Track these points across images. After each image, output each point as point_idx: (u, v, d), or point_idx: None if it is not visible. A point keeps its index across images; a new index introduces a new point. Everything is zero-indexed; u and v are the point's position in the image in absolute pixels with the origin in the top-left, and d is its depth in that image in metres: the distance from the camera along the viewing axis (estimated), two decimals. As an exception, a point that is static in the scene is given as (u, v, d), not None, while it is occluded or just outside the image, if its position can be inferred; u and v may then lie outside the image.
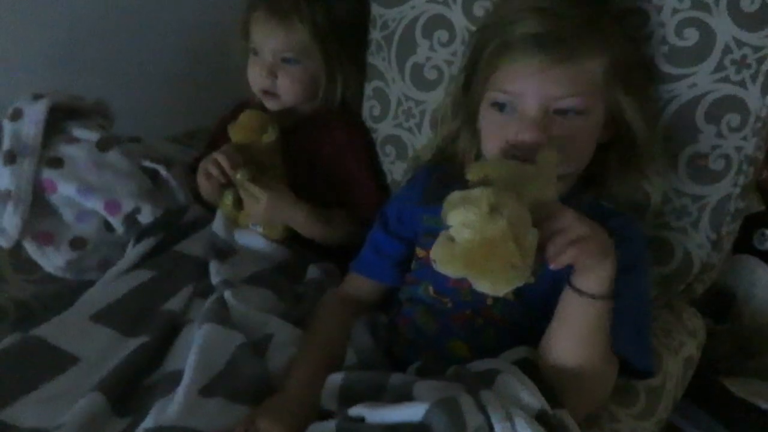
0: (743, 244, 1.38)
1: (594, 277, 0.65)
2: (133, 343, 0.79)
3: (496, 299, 0.77)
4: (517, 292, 0.76)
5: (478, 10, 0.91)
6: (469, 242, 0.60)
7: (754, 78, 0.77)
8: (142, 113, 1.21)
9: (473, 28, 0.90)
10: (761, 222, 1.37)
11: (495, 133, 0.76)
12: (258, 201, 0.94)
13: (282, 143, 1.00)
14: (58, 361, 0.76)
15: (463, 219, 0.60)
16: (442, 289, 0.80)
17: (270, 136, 0.96)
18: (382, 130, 1.03)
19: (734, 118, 0.79)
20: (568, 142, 0.72)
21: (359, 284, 0.90)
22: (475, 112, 0.80)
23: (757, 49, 0.76)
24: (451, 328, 0.79)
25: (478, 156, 0.82)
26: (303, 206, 0.97)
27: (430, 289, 0.81)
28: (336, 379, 0.71)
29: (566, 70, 0.71)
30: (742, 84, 0.78)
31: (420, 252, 0.85)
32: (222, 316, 0.81)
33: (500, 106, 0.75)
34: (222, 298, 0.85)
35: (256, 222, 0.98)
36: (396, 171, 1.02)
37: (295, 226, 0.98)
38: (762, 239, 1.34)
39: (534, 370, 0.68)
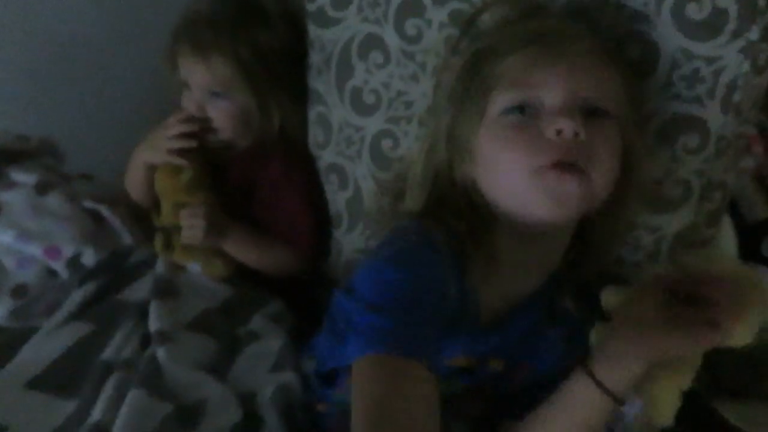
0: (751, 254, 1.26)
1: (622, 371, 0.57)
2: (69, 406, 0.77)
3: None
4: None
5: (411, 29, 0.83)
6: None
7: (710, 93, 0.67)
8: (103, 148, 1.17)
9: (407, 49, 0.83)
10: (770, 229, 1.24)
11: (514, 144, 0.59)
12: (196, 217, 0.90)
13: (217, 179, 0.96)
14: None
15: None
16: None
17: (187, 175, 0.93)
18: (326, 157, 0.96)
19: (692, 139, 0.69)
20: (601, 149, 0.58)
21: None
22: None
23: (710, 60, 0.66)
24: None
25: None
26: (237, 225, 0.94)
27: None
28: None
29: (596, 62, 0.60)
30: (697, 101, 0.68)
31: None
32: (153, 380, 0.78)
33: (517, 110, 0.60)
34: (155, 357, 0.81)
35: (192, 259, 0.94)
36: (339, 201, 0.95)
37: (230, 245, 0.93)
38: (772, 247, 1.21)
39: None
